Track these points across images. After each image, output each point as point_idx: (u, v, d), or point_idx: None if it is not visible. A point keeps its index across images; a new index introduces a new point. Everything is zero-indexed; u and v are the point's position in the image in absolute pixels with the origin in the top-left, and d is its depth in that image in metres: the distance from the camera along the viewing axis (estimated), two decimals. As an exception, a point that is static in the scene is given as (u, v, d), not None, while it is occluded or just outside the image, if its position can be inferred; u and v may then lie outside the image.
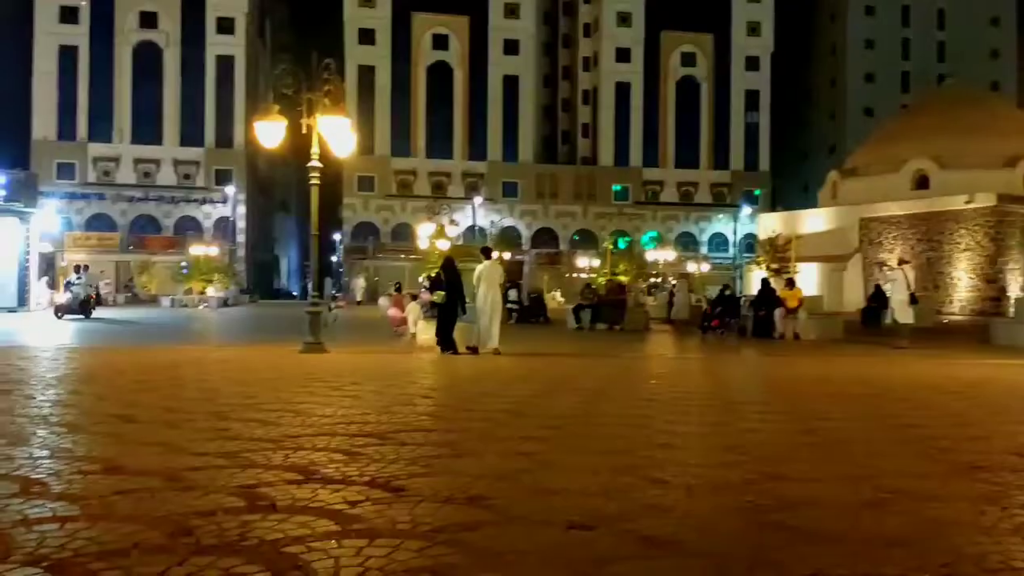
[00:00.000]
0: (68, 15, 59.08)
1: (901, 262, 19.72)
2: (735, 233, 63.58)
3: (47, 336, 16.88)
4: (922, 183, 43.01)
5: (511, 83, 66.10)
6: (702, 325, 21.50)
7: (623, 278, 41.71)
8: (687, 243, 66.37)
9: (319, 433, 5.20)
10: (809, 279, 39.32)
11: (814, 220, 46.85)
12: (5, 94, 66.56)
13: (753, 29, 69.00)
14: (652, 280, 50.93)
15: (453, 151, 65.18)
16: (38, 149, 57.92)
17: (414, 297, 19.23)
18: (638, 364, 12.85)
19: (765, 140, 69.40)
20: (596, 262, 57.02)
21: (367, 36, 63.80)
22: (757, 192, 67.66)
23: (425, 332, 15.80)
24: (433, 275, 17.04)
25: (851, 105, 73.55)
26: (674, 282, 34.18)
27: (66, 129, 59.04)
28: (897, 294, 17.15)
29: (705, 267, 58.59)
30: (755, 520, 3.30)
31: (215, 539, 2.84)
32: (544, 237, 66.18)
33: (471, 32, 65.20)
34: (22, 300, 27.95)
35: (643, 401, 7.42)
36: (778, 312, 19.89)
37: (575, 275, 60.41)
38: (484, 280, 13.54)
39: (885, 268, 21.73)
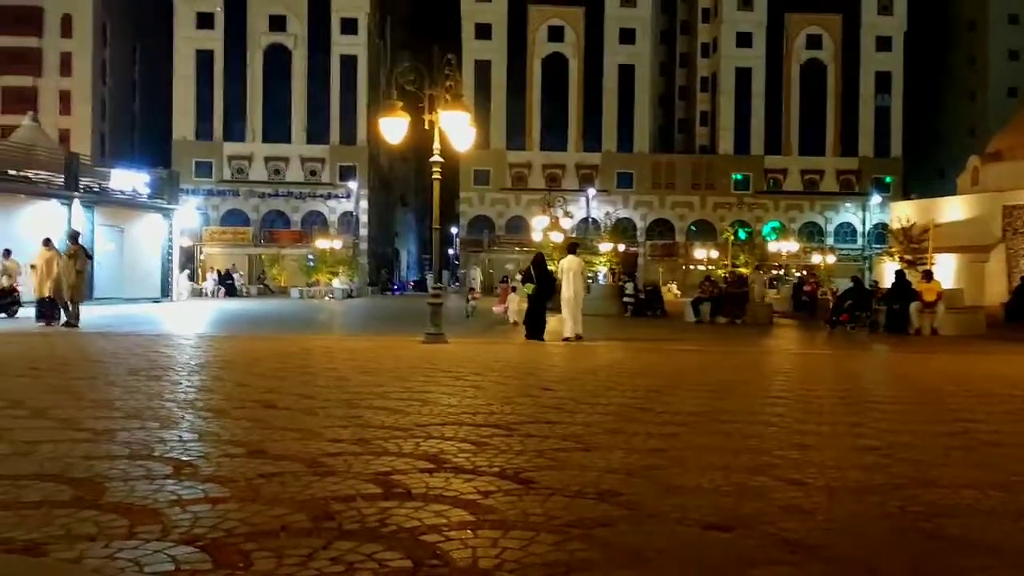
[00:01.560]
0: (204, 21, 62.59)
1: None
2: (864, 223, 60.69)
3: (189, 325, 17.98)
4: (1075, 167, 39.66)
5: (627, 72, 65.31)
6: (830, 319, 20.64)
7: (744, 270, 40.54)
8: (812, 233, 63.87)
9: (446, 422, 5.29)
10: (947, 271, 36.99)
11: (952, 208, 44.01)
12: (149, 98, 71.33)
13: (885, 7, 65.50)
14: (774, 272, 49.29)
15: (567, 143, 65.06)
16: (178, 149, 61.69)
17: (513, 289, 20.21)
18: (763, 359, 12.45)
19: (897, 124, 65.82)
20: (715, 253, 55.71)
21: (484, 31, 64.51)
22: (888, 179, 64.32)
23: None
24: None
25: (993, 84, 68.71)
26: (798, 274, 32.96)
27: (203, 129, 62.62)
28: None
29: (831, 258, 56.19)
30: (904, 527, 3.12)
31: (356, 524, 2.92)
32: (660, 228, 65.19)
33: (587, 22, 64.83)
34: (165, 291, 29.89)
35: (772, 398, 7.17)
36: (914, 306, 18.84)
37: (692, 267, 59.26)
38: (567, 273, 14.58)
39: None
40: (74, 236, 16.59)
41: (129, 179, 29.22)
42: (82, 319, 15.62)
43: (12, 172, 25.22)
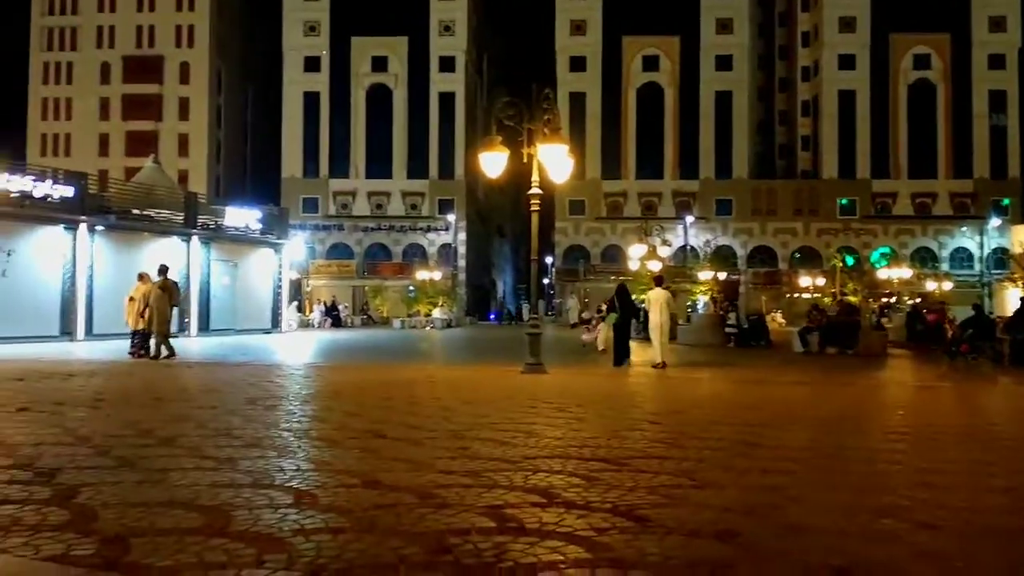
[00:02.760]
0: (311, 64, 65.50)
1: None
2: (982, 247, 57.52)
3: (299, 355, 18.60)
4: None
5: (724, 99, 64.41)
6: (949, 349, 19.58)
7: (853, 298, 39.00)
8: (924, 259, 60.92)
9: (553, 456, 5.26)
10: (1077, 298, 34.58)
11: (1081, 231, 41.23)
12: (260, 140, 74.95)
13: (996, 24, 62.44)
14: (884, 300, 47.21)
15: (664, 170, 64.51)
16: (287, 186, 64.43)
17: (602, 319, 21.25)
18: (879, 392, 11.90)
19: (1015, 144, 62.30)
20: (821, 281, 53.84)
21: (578, 63, 65.00)
22: (1006, 202, 60.88)
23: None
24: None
25: (1121, 99, 64.27)
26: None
27: (310, 167, 65.26)
28: None
29: (947, 285, 53.43)
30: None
31: (473, 559, 2.94)
32: (761, 255, 63.54)
33: (682, 51, 64.44)
34: (275, 322, 31.05)
35: (892, 434, 6.83)
36: (1042, 335, 17.65)
37: (796, 295, 57.41)
38: (653, 304, 15.61)
39: None
40: (164, 270, 16.52)
41: (242, 216, 30.64)
42: (200, 349, 16.37)
43: (136, 211, 26.85)
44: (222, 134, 72.63)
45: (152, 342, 15.89)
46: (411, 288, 52.70)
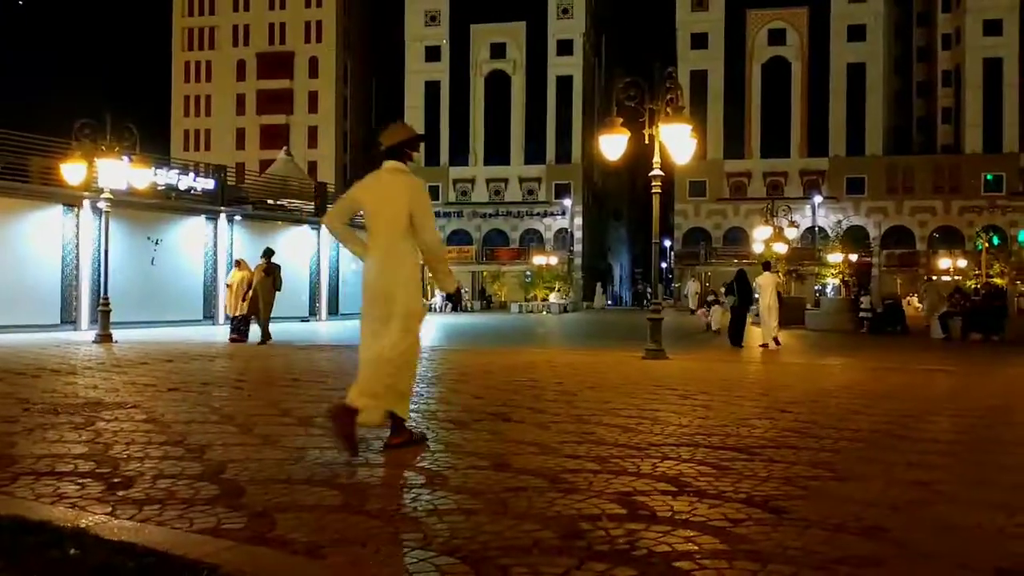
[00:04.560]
0: (432, 54, 66.75)
1: None
2: None
3: (423, 338, 19.05)
4: None
5: (856, 71, 61.21)
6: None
7: (999, 280, 36.39)
8: (1080, 238, 56.05)
9: (680, 443, 5.16)
10: None
11: None
12: (382, 130, 77.11)
13: None
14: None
15: (790, 149, 62.04)
16: (410, 175, 66.04)
17: (717, 301, 22.86)
18: (1032, 381, 11.04)
19: None
20: (962, 263, 50.53)
21: (699, 40, 63.32)
22: None
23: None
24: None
25: None
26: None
27: (431, 156, 66.68)
28: None
29: None
30: None
31: (606, 545, 2.91)
32: (896, 236, 60.21)
33: (810, 23, 61.64)
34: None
35: (1051, 427, 6.32)
36: None
37: (935, 277, 54.11)
38: (762, 288, 16.80)
39: None
40: (268, 254, 16.04)
41: (367, 204, 31.64)
42: (328, 332, 16.88)
43: (270, 201, 28.19)
44: (348, 125, 75.20)
45: (255, 327, 15.82)
46: (528, 273, 52.98)
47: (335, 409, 4.51)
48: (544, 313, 42.14)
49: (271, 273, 15.78)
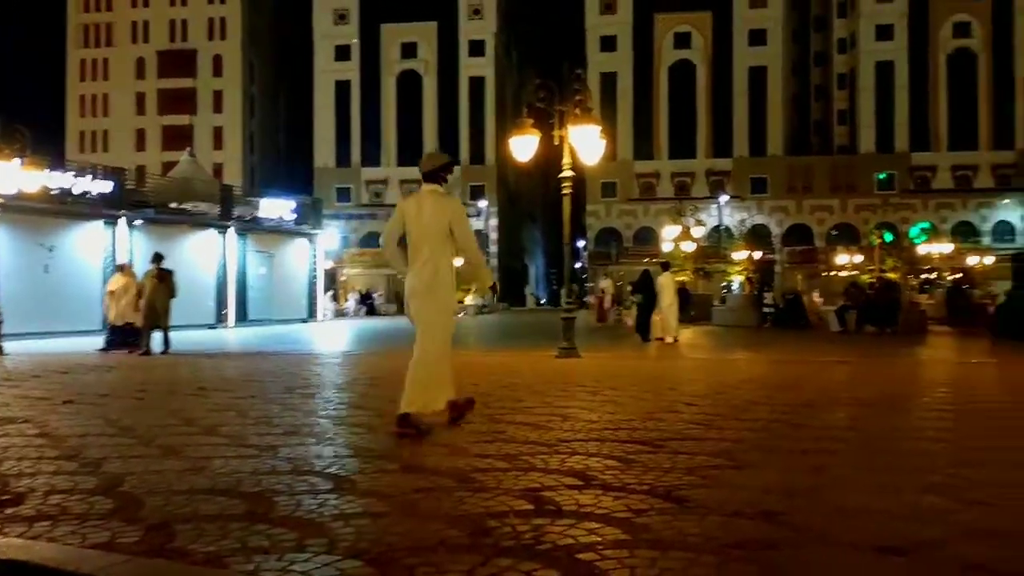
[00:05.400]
0: (342, 53, 65.78)
1: None
2: (1025, 220, 56.12)
3: (336, 343, 18.80)
4: None
5: (758, 74, 63.42)
6: (992, 325, 19.14)
7: (892, 275, 38.32)
8: (965, 233, 59.54)
9: (589, 438, 5.25)
10: None
11: None
12: (293, 130, 75.53)
13: (1045, -12, 60.53)
14: (925, 276, 46.36)
15: (697, 150, 63.80)
16: (319, 176, 64.92)
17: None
18: (920, 370, 11.69)
19: (1062, 112, 60.54)
20: (858, 258, 52.99)
21: (608, 43, 64.42)
22: (1052, 172, 59.21)
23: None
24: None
25: None
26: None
27: (342, 157, 65.70)
28: None
29: (989, 260, 52.23)
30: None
31: (512, 541, 2.94)
32: (797, 234, 62.63)
33: (714, 27, 63.53)
34: (311, 311, 31.39)
35: (934, 412, 6.71)
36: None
37: (833, 273, 56.54)
38: (663, 287, 18.09)
39: None
40: (158, 258, 15.03)
41: (276, 207, 30.95)
42: (237, 339, 16.44)
43: (173, 205, 27.25)
44: (255, 126, 73.35)
45: (152, 336, 14.55)
46: (445, 275, 52.78)
47: (397, 426, 5.43)
48: (460, 315, 42.09)
49: (164, 279, 14.80)
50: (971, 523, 3.19)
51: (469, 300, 45.59)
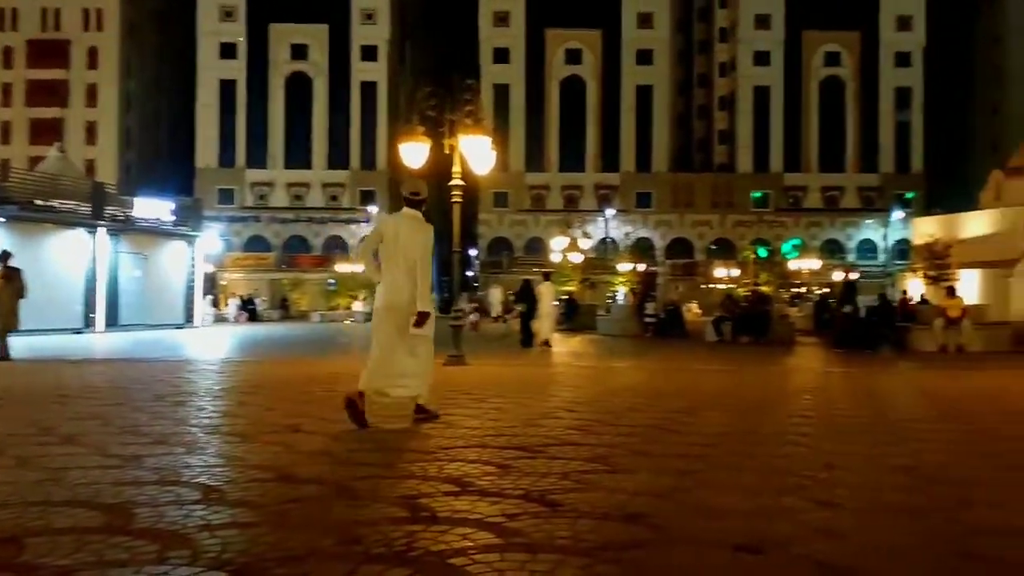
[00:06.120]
0: (227, 51, 63.68)
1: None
2: (886, 239, 60.16)
3: (213, 350, 18.12)
4: (1100, 180, 39.08)
5: (645, 93, 65.55)
6: (853, 338, 20.38)
7: (765, 288, 40.25)
8: (832, 250, 63.36)
9: (469, 445, 5.28)
10: (971, 287, 36.55)
11: (975, 223, 43.36)
12: (174, 128, 72.45)
13: (903, 23, 65.32)
14: (795, 290, 48.92)
15: (586, 164, 65.26)
16: (201, 177, 62.53)
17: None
18: (787, 379, 12.33)
19: (918, 140, 65.44)
20: (735, 272, 55.42)
21: (502, 55, 65.12)
22: (910, 195, 63.76)
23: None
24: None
25: (1015, 98, 68.06)
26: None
27: (226, 157, 63.52)
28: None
29: (853, 275, 55.62)
30: (943, 548, 3.07)
31: (383, 548, 2.92)
32: (679, 247, 65.00)
33: (604, 45, 65.24)
34: (188, 317, 30.14)
35: (798, 418, 7.10)
36: (938, 322, 18.64)
37: (712, 286, 58.96)
38: (542, 296, 19.02)
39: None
40: (5, 256, 13.95)
41: (153, 207, 29.58)
42: (107, 346, 15.58)
43: (39, 202, 25.60)
44: (133, 122, 69.88)
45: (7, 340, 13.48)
46: (331, 281, 51.90)
47: (347, 400, 5.98)
48: (348, 322, 41.41)
49: (12, 279, 13.61)
50: (819, 522, 3.39)
51: (357, 307, 44.95)
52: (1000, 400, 8.88)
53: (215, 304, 40.62)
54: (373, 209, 60.55)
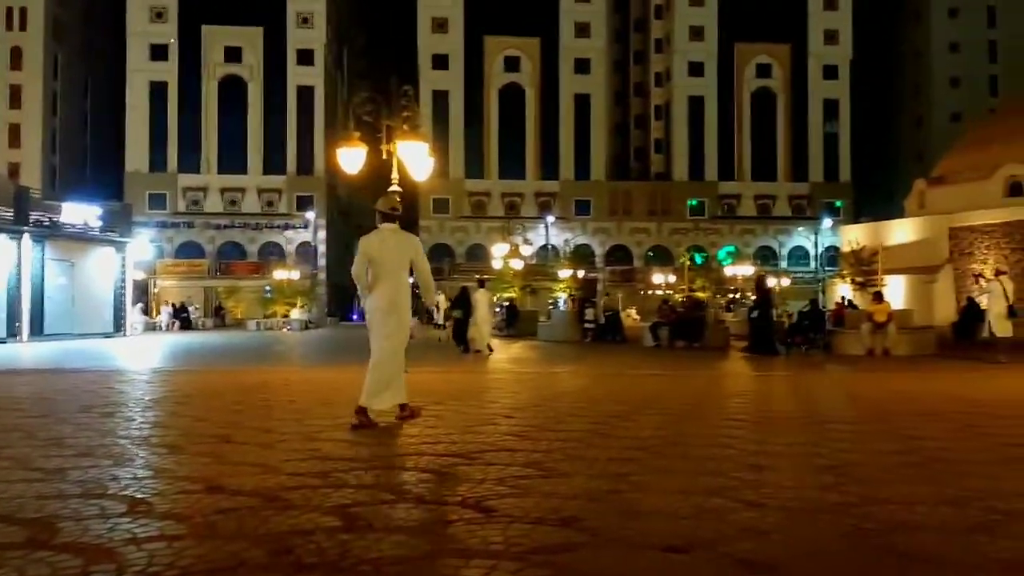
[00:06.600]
0: (158, 52, 62.10)
1: (998, 273, 18.89)
2: (816, 246, 61.98)
3: (143, 359, 17.63)
4: (1015, 190, 41.10)
5: (583, 101, 66.25)
6: (785, 341, 20.96)
7: (701, 294, 41.04)
8: (766, 257, 65.01)
9: (407, 453, 5.27)
10: (897, 292, 37.93)
11: (901, 231, 45.19)
12: (102, 131, 70.29)
13: (831, 37, 67.52)
14: (730, 296, 49.99)
15: (526, 171, 65.60)
16: (131, 181, 60.79)
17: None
18: (721, 382, 12.61)
19: (846, 150, 67.64)
20: (672, 278, 56.36)
21: (440, 61, 65.04)
22: (838, 204, 65.88)
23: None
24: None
25: (937, 111, 71.02)
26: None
27: (157, 161, 61.90)
28: (995, 306, 16.40)
29: (786, 281, 57.18)
30: (860, 544, 3.19)
31: (315, 558, 2.90)
32: (618, 254, 65.82)
33: (542, 53, 65.75)
34: (118, 326, 29.28)
35: (729, 421, 7.27)
36: (865, 327, 19.28)
37: (650, 292, 59.86)
38: (478, 302, 19.32)
39: (981, 279, 20.82)
40: None
41: (80, 212, 28.68)
42: (32, 355, 15.09)
43: (-42, 206, 24.62)
44: (58, 124, 67.56)
45: None
46: (268, 288, 51.01)
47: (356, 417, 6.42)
48: (285, 330, 40.75)
49: None
50: (746, 522, 3.49)
51: (295, 315, 44.27)
52: (919, 401, 9.23)
53: (146, 312, 39.56)
54: (310, 215, 59.75)
